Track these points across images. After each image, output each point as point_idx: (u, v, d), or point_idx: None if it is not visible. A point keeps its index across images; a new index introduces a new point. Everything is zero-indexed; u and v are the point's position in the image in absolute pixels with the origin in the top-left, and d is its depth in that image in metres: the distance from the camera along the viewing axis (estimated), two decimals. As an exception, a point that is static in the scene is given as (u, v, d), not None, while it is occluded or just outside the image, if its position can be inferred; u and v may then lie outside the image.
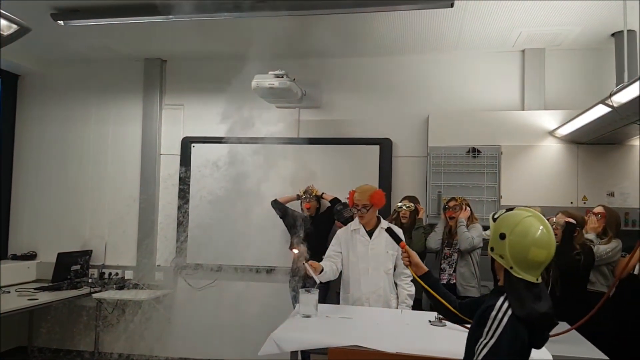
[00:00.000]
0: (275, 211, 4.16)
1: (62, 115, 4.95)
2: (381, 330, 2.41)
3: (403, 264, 2.02)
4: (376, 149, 4.36)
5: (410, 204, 3.73)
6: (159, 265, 4.65)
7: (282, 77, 3.86)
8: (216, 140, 4.38)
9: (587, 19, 3.56)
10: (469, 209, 3.66)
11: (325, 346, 2.22)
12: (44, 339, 4.58)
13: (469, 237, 3.49)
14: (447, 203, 3.72)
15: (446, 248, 3.69)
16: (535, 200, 3.80)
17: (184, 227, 4.54)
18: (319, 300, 2.73)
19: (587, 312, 2.23)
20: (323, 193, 4.24)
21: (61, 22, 3.62)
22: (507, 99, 4.28)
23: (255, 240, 4.25)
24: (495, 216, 1.58)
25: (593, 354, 2.36)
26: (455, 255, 3.62)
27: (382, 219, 3.07)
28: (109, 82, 4.89)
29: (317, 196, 4.21)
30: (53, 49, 4.59)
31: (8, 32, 2.39)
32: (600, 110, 3.00)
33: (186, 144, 4.67)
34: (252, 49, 3.43)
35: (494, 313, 1.45)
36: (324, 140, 4.44)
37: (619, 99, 2.75)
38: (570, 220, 3.06)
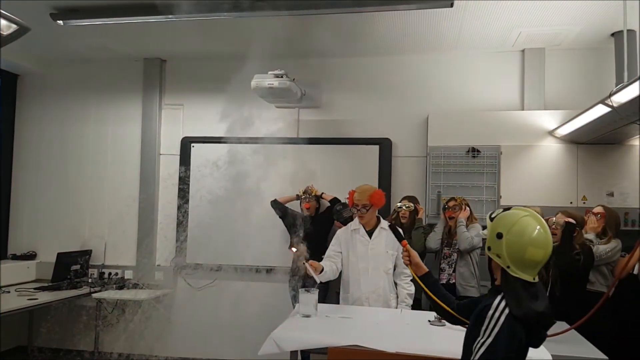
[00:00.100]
0: (275, 211, 4.16)
1: (61, 115, 4.95)
2: (381, 329, 2.42)
3: (403, 262, 2.03)
4: (376, 149, 4.36)
5: (410, 204, 3.73)
6: (158, 265, 4.65)
7: (281, 77, 3.85)
8: (216, 140, 4.39)
9: (586, 18, 3.56)
10: (469, 209, 3.66)
11: (325, 346, 2.22)
12: (44, 339, 4.58)
13: (469, 237, 3.49)
14: (446, 203, 3.72)
15: (446, 248, 3.69)
16: (534, 200, 3.80)
17: (183, 226, 4.54)
18: (319, 300, 2.73)
19: (586, 312, 2.23)
20: (322, 193, 4.24)
21: (60, 22, 3.62)
22: (507, 99, 4.28)
23: (255, 240, 4.25)
24: (493, 216, 1.58)
25: (592, 354, 2.36)
26: (454, 255, 3.63)
27: (382, 218, 3.07)
28: (108, 81, 4.89)
29: (317, 196, 4.20)
30: (52, 49, 4.59)
31: (7, 31, 2.38)
32: (600, 110, 3.00)
33: (186, 144, 4.67)
34: (251, 48, 3.43)
35: (491, 312, 1.46)
36: (323, 140, 4.44)
37: (619, 98, 2.75)
38: (570, 220, 3.06)
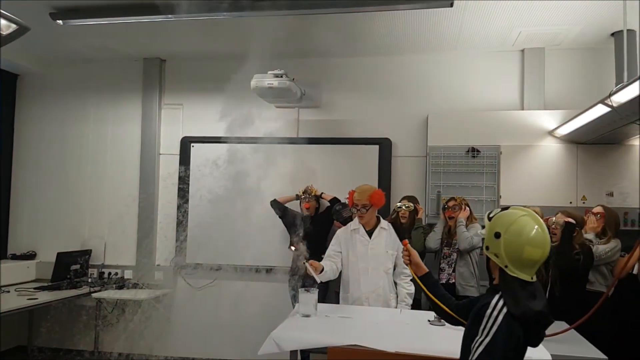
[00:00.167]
0: (275, 211, 4.16)
1: (61, 114, 4.95)
2: (380, 329, 2.42)
3: (403, 262, 2.03)
4: (375, 148, 4.35)
5: (410, 204, 3.73)
6: (158, 265, 4.65)
7: (281, 76, 3.84)
8: (215, 140, 4.39)
9: (586, 18, 3.56)
10: (469, 208, 3.66)
11: (324, 345, 2.22)
12: (44, 339, 4.58)
13: (468, 237, 3.49)
14: (446, 203, 3.72)
15: (445, 248, 3.70)
16: (534, 200, 3.80)
17: (183, 226, 4.54)
18: (319, 300, 2.74)
19: (586, 311, 2.24)
20: (322, 193, 4.24)
21: (60, 22, 3.62)
22: (507, 99, 4.28)
23: (254, 239, 4.25)
24: (491, 215, 1.58)
25: (592, 354, 2.36)
26: (454, 255, 3.63)
27: (382, 218, 3.07)
28: (108, 81, 4.89)
29: (317, 196, 4.20)
30: (52, 49, 4.59)
31: (7, 31, 2.38)
32: (600, 110, 3.00)
33: (185, 144, 4.67)
34: (251, 48, 3.43)
35: (489, 311, 1.46)
36: (323, 140, 4.44)
37: (619, 98, 2.75)
38: (570, 220, 3.06)
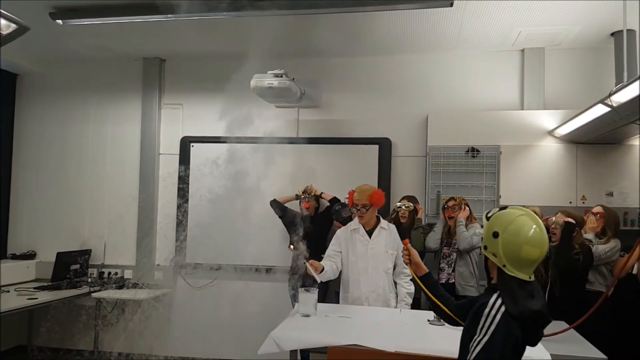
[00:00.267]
0: (275, 211, 4.16)
1: (61, 114, 4.95)
2: (380, 329, 2.42)
3: (403, 261, 2.03)
4: (375, 148, 4.35)
5: (409, 204, 3.73)
6: (158, 265, 4.65)
7: (281, 76, 3.84)
8: (215, 140, 4.39)
9: (586, 18, 3.56)
10: (468, 208, 3.66)
11: (324, 345, 2.22)
12: (44, 338, 4.58)
13: (468, 236, 3.49)
14: (446, 203, 3.72)
15: (445, 248, 3.70)
16: (534, 199, 3.80)
17: (183, 226, 4.54)
18: (318, 300, 2.74)
19: (585, 311, 2.24)
20: (322, 193, 4.24)
21: (60, 22, 3.62)
22: (507, 99, 4.28)
23: (254, 239, 4.25)
24: (489, 215, 1.59)
25: (591, 353, 2.36)
26: (454, 255, 3.63)
27: (382, 218, 3.07)
28: (107, 81, 4.88)
29: (316, 196, 4.20)
30: (52, 49, 4.58)
31: (7, 31, 2.38)
32: (600, 109, 3.00)
33: (185, 144, 4.67)
34: (251, 48, 3.42)
35: (487, 310, 1.46)
36: (323, 140, 4.43)
37: (618, 98, 2.75)
38: (570, 220, 3.06)
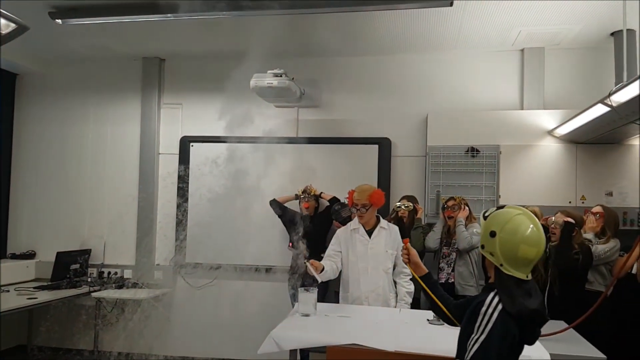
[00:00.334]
0: (274, 210, 4.16)
1: (60, 114, 4.94)
2: (380, 328, 2.42)
3: (402, 260, 2.03)
4: (375, 148, 4.35)
5: (409, 204, 3.73)
6: (158, 264, 4.64)
7: (281, 76, 3.84)
8: (214, 140, 4.39)
9: (586, 18, 3.56)
10: (468, 208, 3.66)
11: (324, 345, 2.23)
12: (44, 338, 4.58)
13: (468, 236, 3.49)
14: (445, 202, 3.72)
15: (445, 247, 3.70)
16: (533, 199, 3.80)
17: (183, 225, 4.54)
18: (318, 299, 2.74)
19: (585, 311, 2.24)
20: (321, 192, 4.24)
21: (59, 21, 3.61)
22: (506, 98, 4.28)
23: (254, 239, 4.25)
24: (486, 214, 1.59)
25: (591, 353, 2.36)
26: (453, 255, 3.63)
27: (382, 218, 3.07)
28: (107, 81, 4.88)
29: (316, 195, 4.20)
30: (51, 48, 4.58)
31: (6, 30, 2.38)
32: (599, 109, 3.00)
33: (185, 143, 4.66)
34: (250, 47, 3.42)
35: (484, 308, 1.47)
36: (322, 140, 4.43)
37: (618, 98, 2.75)
38: (569, 219, 3.07)
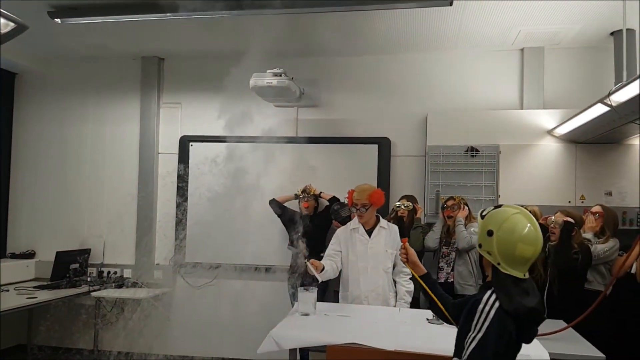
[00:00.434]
0: (274, 210, 4.16)
1: (59, 113, 4.94)
2: (379, 328, 2.42)
3: (400, 260, 2.03)
4: (375, 148, 4.35)
5: (409, 204, 3.72)
6: (157, 264, 4.64)
7: (280, 75, 3.83)
8: (214, 139, 4.39)
9: (586, 17, 3.56)
10: (467, 208, 3.67)
11: (323, 344, 2.23)
12: (44, 337, 4.58)
13: (467, 236, 3.50)
14: (445, 202, 3.72)
15: (444, 247, 3.70)
16: (533, 199, 3.81)
17: (182, 225, 4.54)
18: (318, 299, 2.74)
19: (584, 310, 2.25)
20: (321, 192, 4.23)
21: (58, 20, 3.61)
22: (506, 98, 4.28)
23: (254, 238, 4.25)
24: (484, 213, 1.60)
25: (590, 352, 2.37)
26: (453, 254, 3.63)
27: (382, 218, 3.07)
28: (106, 80, 4.88)
29: (315, 195, 4.20)
30: (50, 47, 4.57)
31: (5, 30, 2.38)
32: (599, 109, 3.01)
33: (184, 143, 4.66)
34: (250, 47, 3.42)
35: (481, 306, 1.47)
36: (322, 139, 4.43)
37: (618, 98, 2.75)
38: (569, 219, 3.07)
